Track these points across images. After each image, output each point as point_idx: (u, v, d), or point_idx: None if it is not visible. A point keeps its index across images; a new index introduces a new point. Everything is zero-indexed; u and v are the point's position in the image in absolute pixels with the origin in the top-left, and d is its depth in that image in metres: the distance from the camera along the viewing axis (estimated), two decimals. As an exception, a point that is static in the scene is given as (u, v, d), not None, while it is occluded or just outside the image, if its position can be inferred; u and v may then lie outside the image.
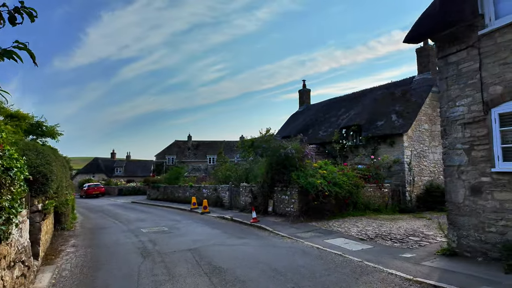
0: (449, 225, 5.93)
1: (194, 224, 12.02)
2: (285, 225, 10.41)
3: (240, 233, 9.67)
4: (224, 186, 16.98)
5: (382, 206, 13.25)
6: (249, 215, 12.86)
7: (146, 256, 7.13)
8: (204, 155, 53.65)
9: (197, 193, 19.94)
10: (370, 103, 18.08)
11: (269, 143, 12.50)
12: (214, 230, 10.51)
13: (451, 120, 5.92)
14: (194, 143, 55.91)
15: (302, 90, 25.47)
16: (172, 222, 12.57)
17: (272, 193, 12.60)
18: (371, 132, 15.97)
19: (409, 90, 16.71)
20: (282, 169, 11.92)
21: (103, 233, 10.68)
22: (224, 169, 19.17)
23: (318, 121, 20.83)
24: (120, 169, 57.51)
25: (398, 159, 14.96)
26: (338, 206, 11.79)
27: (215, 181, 19.80)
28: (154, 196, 26.61)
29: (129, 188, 38.63)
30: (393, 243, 7.56)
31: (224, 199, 16.78)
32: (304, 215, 11.07)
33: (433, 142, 16.12)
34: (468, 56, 5.62)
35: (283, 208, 12.03)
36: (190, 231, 10.33)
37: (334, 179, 11.43)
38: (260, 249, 7.49)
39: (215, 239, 8.89)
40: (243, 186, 14.96)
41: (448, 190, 5.94)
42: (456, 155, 5.79)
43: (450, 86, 5.95)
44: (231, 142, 51.16)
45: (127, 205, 23.24)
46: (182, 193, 22.27)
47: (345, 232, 9.02)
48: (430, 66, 16.67)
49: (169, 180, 25.62)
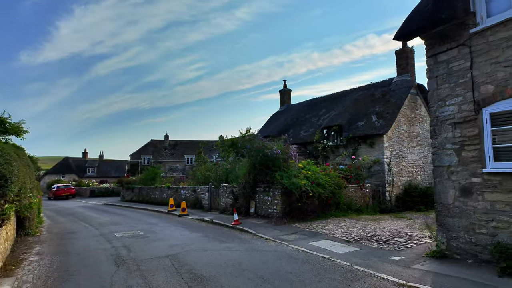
0: (438, 227, 5.82)
1: (172, 227, 11.43)
2: (268, 227, 10.09)
3: (222, 237, 9.24)
4: (204, 187, 16.44)
5: (363, 207, 13.25)
6: (230, 217, 12.43)
7: (120, 264, 6.55)
8: (181, 155, 52.47)
9: (174, 194, 19.23)
10: (350, 103, 18.16)
11: (252, 143, 12.13)
12: (193, 233, 10.00)
13: (441, 120, 5.82)
14: (171, 142, 54.56)
15: (283, 90, 25.33)
16: (148, 226, 11.91)
17: (254, 194, 12.25)
18: (351, 133, 16.01)
19: (389, 92, 16.92)
20: (265, 169, 11.59)
21: (72, 238, 9.88)
22: (203, 169, 18.60)
23: (299, 121, 20.72)
24: (92, 169, 55.09)
25: (378, 159, 15.07)
26: (321, 206, 11.62)
27: (194, 181, 19.19)
28: (128, 197, 25.51)
29: (102, 189, 36.96)
30: (379, 245, 7.42)
31: (204, 200, 16.23)
32: (287, 216, 10.79)
33: (411, 143, 16.41)
34: (459, 54, 5.54)
35: (265, 210, 11.70)
36: (168, 235, 9.77)
37: (317, 179, 11.24)
38: (244, 254, 7.10)
39: (195, 243, 8.41)
40: (223, 187, 14.51)
41: (437, 191, 5.83)
42: (446, 155, 5.69)
43: (440, 85, 5.85)
44: (210, 142, 50.35)
45: (100, 207, 22.09)
46: (158, 195, 21.44)
47: (330, 233, 8.82)
48: (409, 68, 16.98)
49: (145, 180, 24.64)
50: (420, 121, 17.02)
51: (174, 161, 51.45)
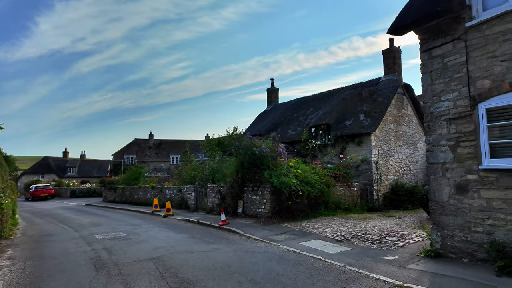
0: (433, 225, 5.69)
1: (156, 228, 10.98)
2: (257, 227, 9.81)
3: (209, 238, 8.88)
4: (190, 187, 16.00)
5: (351, 205, 13.17)
6: (217, 217, 12.08)
7: (99, 269, 6.11)
8: (166, 154, 51.52)
9: (159, 194, 18.68)
10: (338, 103, 18.12)
11: (240, 141, 11.82)
12: (179, 234, 9.60)
13: (435, 116, 5.69)
14: (156, 141, 53.50)
15: (270, 89, 25.12)
16: (131, 227, 11.41)
17: (242, 193, 11.94)
18: (339, 131, 15.95)
19: (376, 91, 16.96)
20: (253, 168, 11.30)
21: (49, 241, 9.30)
22: (189, 169, 18.13)
23: (287, 120, 20.55)
24: (73, 169, 53.36)
25: (365, 158, 15.05)
26: (310, 206, 11.44)
27: (179, 181, 18.69)
28: (111, 198, 24.70)
29: (83, 190, 35.76)
30: (370, 244, 7.26)
31: (190, 200, 15.79)
32: (276, 216, 10.55)
33: (398, 142, 16.50)
34: (454, 49, 5.42)
35: (253, 209, 11.41)
36: (152, 237, 9.33)
37: (307, 178, 11.05)
38: (233, 255, 6.79)
39: (181, 245, 8.03)
40: (210, 186, 14.13)
41: (432, 188, 5.70)
42: (441, 152, 5.57)
43: (434, 80, 5.72)
44: (196, 141, 49.62)
45: (80, 208, 21.25)
46: (142, 195, 20.81)
47: (320, 233, 8.62)
48: (396, 68, 17.08)
49: (128, 180, 23.91)
50: (406, 121, 17.15)
51: (159, 160, 50.46)
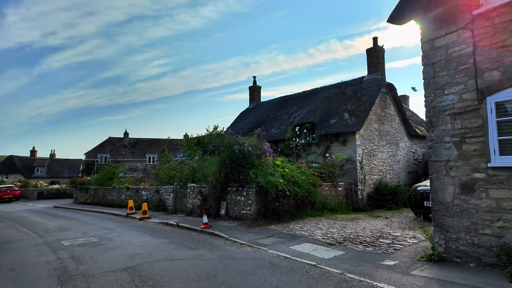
0: (435, 227, 5.33)
1: (131, 232, 10.11)
2: (242, 230, 9.20)
3: (190, 243, 8.18)
4: (168, 188, 15.12)
5: (337, 205, 12.85)
6: (198, 220, 11.35)
7: (64, 282, 5.31)
8: (143, 153, 49.73)
9: (134, 195, 17.63)
10: (322, 101, 17.85)
11: (222, 138, 11.16)
12: (157, 239, 8.81)
13: (438, 111, 5.34)
14: (131, 140, 51.51)
15: (252, 87, 24.56)
16: (103, 231, 10.46)
17: (225, 194, 11.28)
18: (324, 130, 15.64)
19: (360, 90, 16.81)
20: (237, 167, 10.68)
21: (7, 249, 8.25)
22: (167, 168, 17.21)
23: (270, 118, 20.07)
24: (41, 169, 50.36)
25: (350, 158, 14.81)
26: (296, 206, 10.98)
27: (157, 182, 17.73)
28: (82, 199, 23.24)
29: (51, 191, 33.64)
30: (364, 248, 6.86)
31: (168, 202, 14.92)
32: (262, 217, 9.99)
33: (381, 142, 16.42)
34: (460, 39, 5.09)
35: (238, 211, 10.79)
36: (127, 242, 8.50)
37: (293, 177, 10.58)
38: (219, 263, 6.15)
39: (159, 252, 7.28)
40: (190, 187, 13.35)
41: (434, 188, 5.34)
42: (444, 149, 5.22)
43: (437, 73, 5.37)
44: (174, 140, 48.24)
45: (48, 210, 19.74)
46: (116, 196, 19.63)
47: (310, 236, 8.15)
48: (379, 67, 17.01)
49: (101, 181, 22.58)
50: (389, 120, 17.13)
51: (135, 160, 48.60)
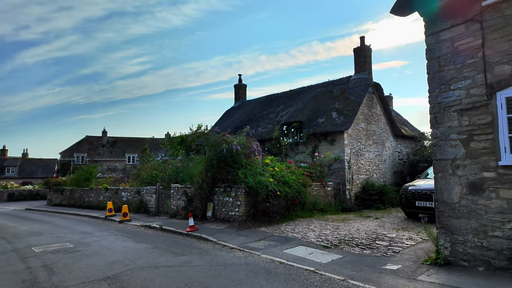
0: (440, 229, 5.08)
1: (111, 237, 9.41)
2: (231, 233, 8.72)
3: (176, 248, 7.61)
4: (150, 188, 14.40)
5: (326, 206, 12.60)
6: (183, 222, 10.77)
7: (33, 297, 4.66)
8: (122, 153, 48.09)
9: (114, 197, 16.75)
10: (309, 100, 17.63)
11: (209, 137, 10.63)
12: (139, 244, 8.19)
13: (444, 107, 5.09)
14: (110, 139, 49.71)
15: (238, 85, 24.06)
16: (80, 236, 9.70)
17: (212, 195, 10.75)
18: (312, 129, 15.39)
19: (347, 89, 16.70)
20: (225, 166, 10.19)
21: (-32, 258, 7.39)
22: (149, 168, 16.44)
23: (256, 117, 19.65)
24: (13, 169, 47.71)
25: (338, 157, 14.63)
26: (286, 207, 10.62)
27: (138, 182, 16.90)
28: (57, 201, 21.97)
29: (23, 192, 31.81)
30: (362, 250, 6.55)
31: (150, 203, 14.20)
32: (252, 219, 9.54)
33: (368, 141, 16.37)
34: (467, 31, 4.86)
35: (225, 212, 10.29)
36: (106, 248, 7.83)
37: (284, 177, 10.20)
38: (209, 270, 5.65)
39: (142, 258, 6.69)
40: (174, 187, 12.72)
41: (439, 188, 5.09)
42: (450, 146, 4.97)
43: (443, 67, 5.12)
44: (156, 140, 46.98)
45: (19, 213, 18.46)
46: (94, 197, 18.63)
47: (303, 238, 7.78)
48: (366, 67, 16.97)
49: (78, 181, 21.44)
50: (376, 120, 17.11)
51: (114, 160, 46.92)
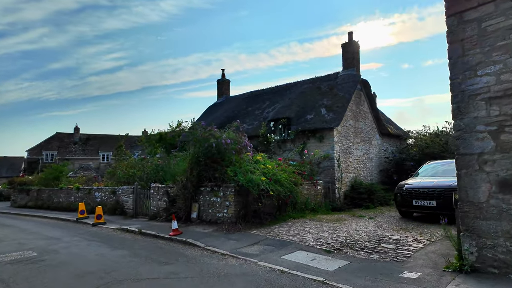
0: (464, 232, 4.55)
1: (83, 242, 8.34)
2: (220, 237, 7.91)
3: (160, 255, 6.72)
4: (127, 188, 13.26)
5: (317, 205, 12.05)
6: (164, 225, 9.83)
7: (-20, 325, 3.67)
8: (95, 151, 45.71)
9: (87, 197, 15.42)
10: (297, 96, 17.06)
11: (195, 131, 9.74)
12: (116, 251, 7.21)
13: (468, 95, 4.57)
14: (83, 136, 47.12)
15: (221, 80, 23.13)
16: (46, 242, 8.54)
17: (197, 194, 9.88)
18: (301, 126, 14.82)
19: (336, 85, 16.27)
20: (213, 164, 9.36)
21: None
22: (126, 166, 15.25)
23: (241, 113, 18.85)
24: (-27, 168, 44.11)
25: (328, 155, 14.14)
26: (277, 207, 9.94)
27: (113, 181, 15.65)
28: (22, 202, 20.16)
29: (-16, 193, 29.23)
30: (368, 255, 5.97)
31: (127, 204, 13.07)
32: (242, 221, 8.77)
33: (356, 139, 16.03)
34: (497, 10, 4.35)
35: (212, 214, 9.45)
36: (77, 256, 6.80)
37: (276, 175, 9.51)
38: (201, 284, 4.84)
39: (120, 268, 5.76)
40: (154, 187, 11.70)
41: (463, 185, 4.56)
42: (477, 139, 4.45)
43: (467, 51, 4.60)
44: (132, 137, 45.00)
45: (-24, 217, 16.64)
46: (64, 198, 17.16)
47: (301, 241, 7.11)
48: (355, 63, 16.63)
49: (46, 181, 19.76)
50: (363, 117, 16.82)
51: (86, 158, 44.51)
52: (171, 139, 24.09)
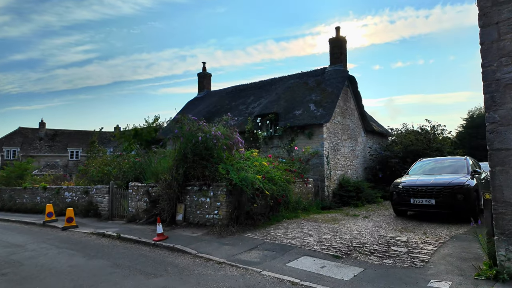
0: (499, 236, 4.13)
1: (52, 250, 7.26)
2: (212, 242, 7.14)
3: (145, 265, 5.85)
4: (102, 187, 12.08)
5: (308, 204, 11.55)
6: (146, 229, 8.90)
7: None
8: (64, 147, 42.90)
9: (55, 198, 14.01)
10: (284, 91, 16.49)
11: (182, 125, 8.86)
12: (93, 261, 6.25)
13: (504, 84, 4.13)
14: (49, 132, 44.06)
15: (202, 74, 22.08)
16: (7, 251, 7.37)
17: (184, 194, 9.01)
18: (289, 122, 14.26)
19: (323, 81, 15.87)
20: (201, 161, 8.53)
21: None
22: (100, 164, 13.99)
23: (225, 108, 18.01)
24: None
25: (317, 152, 13.70)
26: (270, 207, 9.29)
27: (86, 180, 14.33)
28: (-22, 204, 18.12)
29: None
30: (381, 260, 5.46)
31: (102, 205, 11.90)
32: (234, 223, 8.04)
33: (344, 136, 15.73)
34: (540, -11, 3.93)
35: (201, 216, 8.63)
36: (46, 269, 5.79)
37: (269, 173, 8.86)
38: (203, 302, 4.09)
39: (100, 284, 4.87)
40: (133, 186, 10.68)
41: (498, 184, 4.13)
42: (514, 133, 4.01)
43: (504, 35, 4.16)
44: (104, 133, 42.66)
45: None
46: (29, 199, 15.56)
47: (303, 245, 6.51)
48: (342, 58, 16.29)
49: (8, 179, 17.98)
50: (350, 114, 16.56)
51: (53, 155, 41.63)
52: (147, 135, 22.86)
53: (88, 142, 43.58)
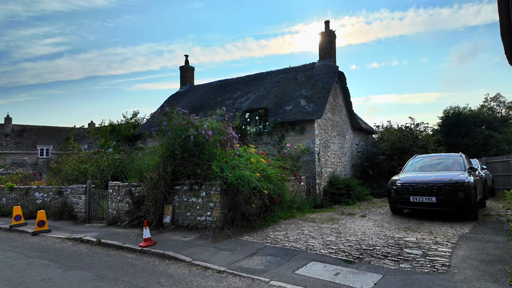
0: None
1: (21, 260, 6.31)
2: (206, 247, 6.46)
3: (134, 276, 5.10)
4: (78, 187, 11.01)
5: (301, 203, 11.08)
6: (129, 232, 8.08)
7: None
8: (32, 144, 40.24)
9: (23, 199, 12.72)
10: (273, 86, 15.94)
11: (171, 119, 8.07)
12: (71, 272, 5.41)
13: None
14: (16, 128, 41.19)
15: (184, 67, 21.09)
16: (-35, 264, 6.32)
17: (172, 195, 8.24)
18: (279, 118, 13.72)
19: (313, 76, 15.46)
20: (192, 158, 7.80)
21: None
22: (75, 161, 12.84)
23: (210, 103, 17.22)
24: None
25: (308, 148, 13.26)
26: (265, 207, 8.72)
27: (59, 179, 13.11)
28: None
29: None
30: (397, 264, 5.03)
31: (78, 206, 10.85)
32: (230, 225, 7.39)
33: (333, 133, 15.42)
34: None
35: (191, 217, 7.91)
36: (14, 285, 4.90)
37: (265, 171, 8.28)
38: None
39: (82, 304, 4.09)
40: (114, 186, 9.76)
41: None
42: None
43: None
44: (78, 129, 40.41)
45: None
46: (-7, 200, 14.07)
47: (308, 249, 5.99)
48: (332, 53, 15.97)
49: (-32, 179, 16.18)
50: (339, 111, 16.28)
51: (21, 152, 38.94)
52: (126, 131, 21.75)
53: (60, 138, 41.19)
